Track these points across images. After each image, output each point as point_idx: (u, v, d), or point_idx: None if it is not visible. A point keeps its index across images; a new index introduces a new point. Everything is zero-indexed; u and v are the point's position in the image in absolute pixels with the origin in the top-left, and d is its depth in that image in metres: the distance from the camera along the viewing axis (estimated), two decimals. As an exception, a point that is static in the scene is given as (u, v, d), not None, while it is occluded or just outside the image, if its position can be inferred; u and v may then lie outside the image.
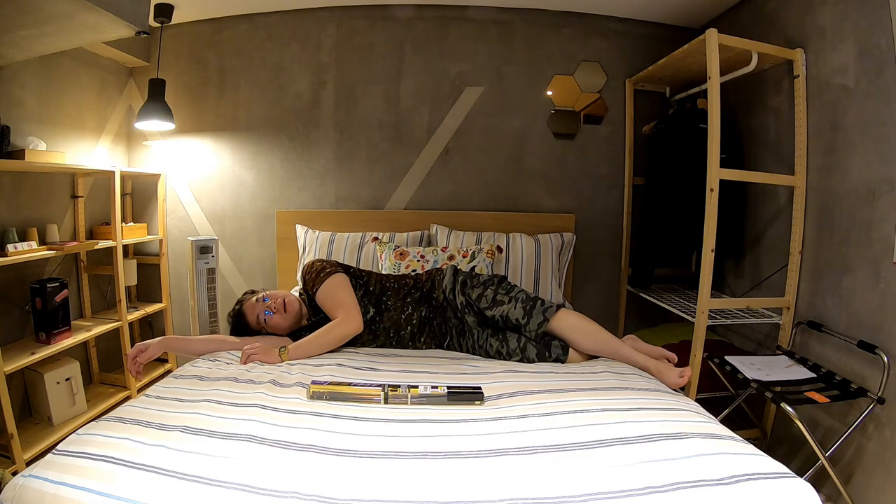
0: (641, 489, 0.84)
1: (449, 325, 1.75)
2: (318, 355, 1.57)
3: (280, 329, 1.73)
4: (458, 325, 1.74)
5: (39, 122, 2.16)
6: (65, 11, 1.47)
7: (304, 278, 1.79)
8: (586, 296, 2.73)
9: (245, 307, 1.76)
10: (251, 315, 1.73)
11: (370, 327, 1.73)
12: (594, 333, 1.62)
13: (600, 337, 1.61)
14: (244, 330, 1.76)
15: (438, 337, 1.76)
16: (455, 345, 1.75)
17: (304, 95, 2.67)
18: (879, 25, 1.55)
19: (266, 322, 1.71)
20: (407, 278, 1.86)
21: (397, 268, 2.19)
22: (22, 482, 0.85)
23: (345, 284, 1.72)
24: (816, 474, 1.52)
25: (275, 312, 1.70)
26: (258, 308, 1.72)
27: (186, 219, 2.78)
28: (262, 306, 1.71)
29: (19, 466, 1.75)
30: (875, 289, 1.57)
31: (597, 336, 1.62)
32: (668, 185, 2.33)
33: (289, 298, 1.74)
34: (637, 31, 2.63)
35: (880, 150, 1.57)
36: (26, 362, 1.84)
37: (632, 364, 1.55)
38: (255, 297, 1.76)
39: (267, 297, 1.73)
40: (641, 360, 1.54)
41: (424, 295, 1.78)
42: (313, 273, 1.75)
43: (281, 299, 1.73)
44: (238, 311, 1.77)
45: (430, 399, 1.22)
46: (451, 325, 1.75)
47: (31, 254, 1.92)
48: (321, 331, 1.61)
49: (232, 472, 0.87)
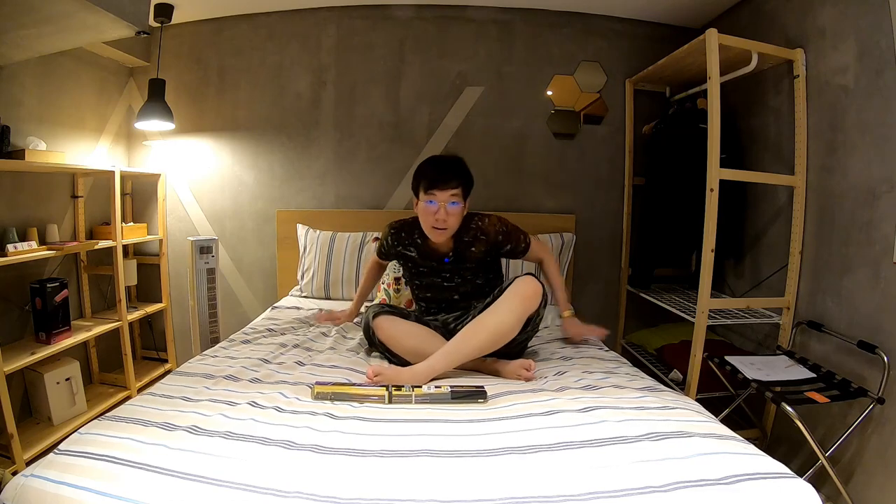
0: (641, 488, 0.84)
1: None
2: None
3: (451, 233, 1.64)
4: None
5: (39, 122, 2.16)
6: (65, 11, 1.47)
7: (501, 233, 1.71)
8: (586, 296, 2.73)
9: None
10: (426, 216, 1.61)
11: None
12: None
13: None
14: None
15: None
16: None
17: (304, 95, 2.67)
18: (879, 25, 1.55)
19: (447, 212, 1.58)
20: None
21: (397, 268, 2.19)
22: (23, 482, 0.85)
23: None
24: (816, 474, 1.52)
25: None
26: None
27: (186, 219, 2.78)
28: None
29: (19, 466, 1.75)
30: (875, 289, 1.57)
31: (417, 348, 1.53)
32: (668, 185, 2.33)
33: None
34: (637, 31, 2.63)
35: (880, 150, 1.57)
36: (26, 362, 1.84)
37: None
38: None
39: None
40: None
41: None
42: (513, 228, 1.74)
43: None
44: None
45: (433, 398, 1.23)
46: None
47: (31, 254, 1.92)
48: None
49: (235, 472, 0.87)
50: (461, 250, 1.71)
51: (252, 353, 1.58)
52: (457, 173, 1.61)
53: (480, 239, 1.70)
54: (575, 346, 1.76)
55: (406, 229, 1.77)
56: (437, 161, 1.66)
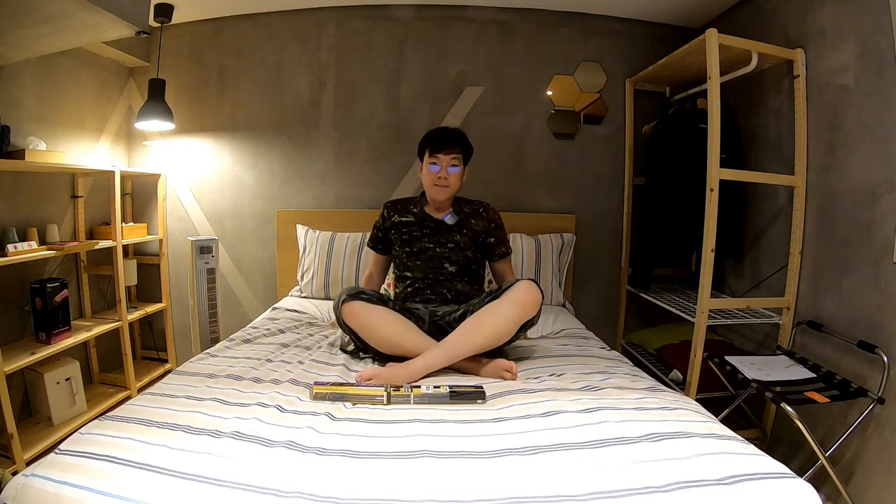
0: (641, 488, 0.84)
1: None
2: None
3: (451, 193, 1.78)
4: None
5: (39, 122, 2.16)
6: (65, 11, 1.47)
7: (496, 224, 1.86)
8: (587, 296, 2.73)
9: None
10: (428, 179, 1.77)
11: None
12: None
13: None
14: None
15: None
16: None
17: (304, 95, 2.67)
18: (879, 25, 1.55)
19: (448, 174, 1.74)
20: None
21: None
22: (23, 482, 0.85)
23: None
24: (816, 474, 1.52)
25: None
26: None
27: (186, 219, 2.78)
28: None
29: (19, 466, 1.75)
30: (875, 289, 1.57)
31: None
32: (668, 185, 2.33)
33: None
34: (637, 31, 2.63)
35: (880, 150, 1.57)
36: (26, 362, 1.84)
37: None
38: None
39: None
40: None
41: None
42: (505, 232, 1.89)
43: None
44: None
45: (432, 399, 1.23)
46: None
47: (31, 254, 1.92)
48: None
49: (235, 472, 0.87)
50: (460, 216, 1.83)
51: (252, 352, 1.58)
52: (458, 140, 1.78)
53: (481, 215, 1.85)
54: (576, 345, 1.76)
55: (402, 202, 1.92)
56: (441, 129, 1.82)
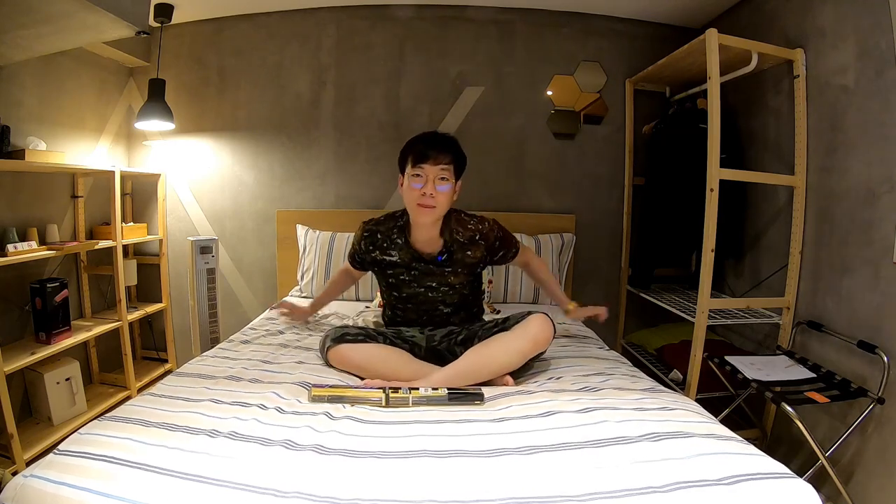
0: (641, 489, 0.84)
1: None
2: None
3: (439, 214, 1.46)
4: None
5: (39, 122, 2.16)
6: (65, 11, 1.47)
7: (498, 239, 1.57)
8: (587, 296, 2.72)
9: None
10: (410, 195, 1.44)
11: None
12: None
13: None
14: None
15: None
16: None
17: (304, 95, 2.67)
18: (879, 25, 1.55)
19: (435, 191, 1.40)
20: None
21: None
22: (23, 482, 0.85)
23: None
24: (816, 474, 1.52)
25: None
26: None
27: (186, 219, 2.78)
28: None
29: (19, 466, 1.75)
30: (875, 289, 1.57)
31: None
32: (668, 185, 2.33)
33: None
34: (637, 31, 2.63)
35: (880, 150, 1.57)
36: (26, 362, 1.84)
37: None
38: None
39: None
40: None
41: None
42: (507, 232, 1.60)
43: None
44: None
45: (430, 400, 1.22)
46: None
47: (31, 254, 1.92)
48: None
49: (234, 472, 0.87)
50: (454, 250, 1.52)
51: (252, 353, 1.58)
52: (449, 147, 1.42)
53: (479, 244, 1.54)
54: (576, 345, 1.76)
55: (383, 228, 1.57)
56: (428, 134, 1.47)
